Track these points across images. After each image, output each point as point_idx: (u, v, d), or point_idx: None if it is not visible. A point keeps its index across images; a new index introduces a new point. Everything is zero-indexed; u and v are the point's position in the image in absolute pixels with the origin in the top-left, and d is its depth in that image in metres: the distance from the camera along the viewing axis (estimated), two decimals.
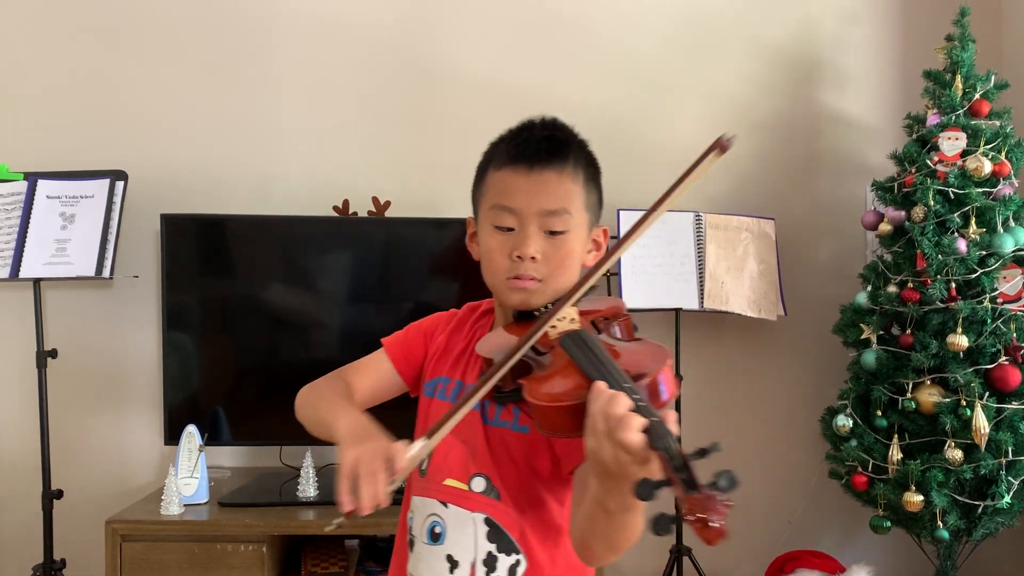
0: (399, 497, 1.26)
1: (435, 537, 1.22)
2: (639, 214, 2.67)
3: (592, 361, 1.01)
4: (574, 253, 1.23)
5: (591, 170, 1.28)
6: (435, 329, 1.38)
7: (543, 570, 1.21)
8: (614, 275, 2.55)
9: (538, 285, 1.20)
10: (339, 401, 1.26)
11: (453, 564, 1.20)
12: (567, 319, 1.13)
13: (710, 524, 0.77)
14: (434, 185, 2.71)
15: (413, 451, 1.04)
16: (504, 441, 1.21)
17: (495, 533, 1.20)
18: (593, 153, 1.28)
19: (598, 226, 1.29)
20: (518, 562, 1.20)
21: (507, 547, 1.20)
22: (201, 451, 2.37)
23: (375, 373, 1.38)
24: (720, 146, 1.04)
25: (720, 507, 0.77)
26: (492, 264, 1.22)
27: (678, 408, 2.52)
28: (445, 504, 1.22)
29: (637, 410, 0.88)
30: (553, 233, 1.20)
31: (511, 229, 1.20)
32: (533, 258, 1.19)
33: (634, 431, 0.85)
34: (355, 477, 1.01)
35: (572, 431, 0.97)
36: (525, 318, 1.23)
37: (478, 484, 1.21)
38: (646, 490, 0.82)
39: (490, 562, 1.19)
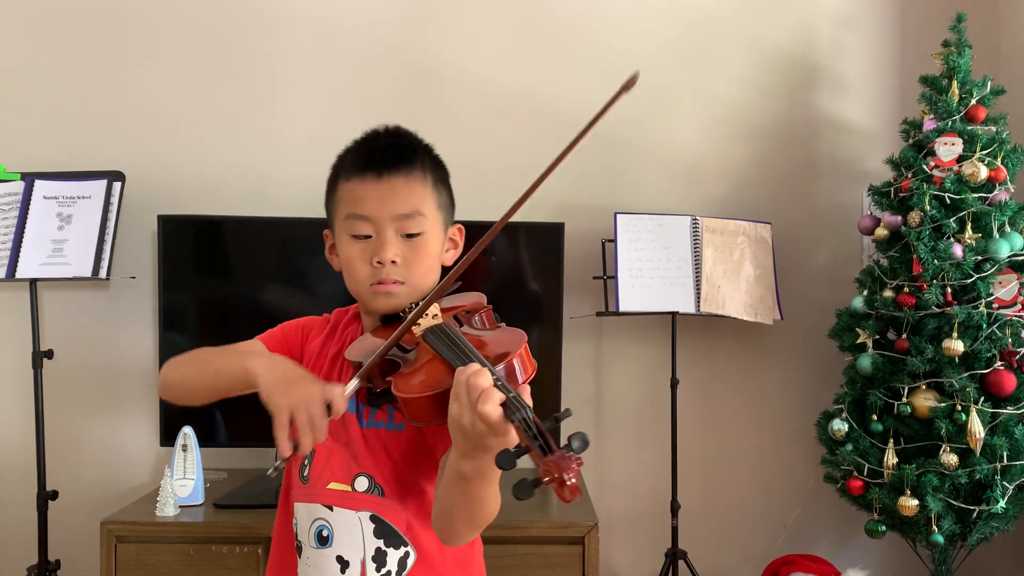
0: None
1: (323, 540, 1.24)
2: (635, 217, 2.68)
3: (454, 350, 1.07)
4: (432, 253, 1.28)
5: (439, 172, 1.32)
6: (311, 330, 1.41)
7: (432, 559, 1.24)
8: (611, 278, 2.55)
9: (401, 288, 1.25)
10: (234, 349, 1.30)
11: (343, 564, 1.22)
12: (430, 315, 1.19)
13: (566, 482, 0.82)
14: None
15: (349, 389, 1.11)
16: (381, 440, 1.24)
17: (382, 528, 1.23)
18: (439, 156, 1.33)
19: (453, 224, 1.34)
20: (407, 554, 1.23)
21: (395, 541, 1.23)
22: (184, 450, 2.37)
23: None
24: (629, 84, 1.14)
25: (573, 464, 0.83)
26: (354, 272, 1.27)
27: (675, 412, 2.52)
28: (330, 507, 1.24)
29: (497, 387, 0.95)
30: (410, 236, 1.25)
31: (368, 236, 1.25)
32: (393, 262, 1.24)
33: (493, 403, 0.92)
34: (297, 422, 1.06)
35: (439, 419, 1.04)
36: (391, 321, 1.27)
37: (361, 483, 1.24)
38: (507, 459, 0.88)
39: (379, 557, 1.22)
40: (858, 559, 2.71)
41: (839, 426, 2.41)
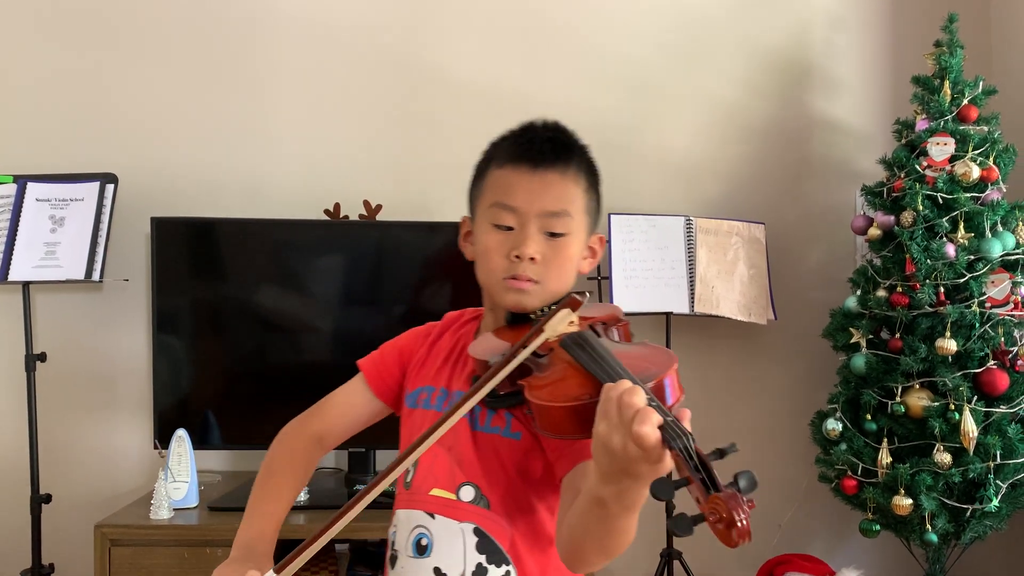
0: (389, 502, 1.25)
1: (421, 550, 1.18)
2: (629, 218, 2.68)
3: (598, 362, 1.00)
4: (572, 257, 1.22)
5: (592, 175, 1.27)
6: (412, 344, 1.36)
7: None
8: (605, 279, 2.56)
9: (534, 287, 1.18)
10: (265, 492, 1.26)
11: None
12: (566, 322, 1.11)
13: (736, 523, 0.74)
14: (425, 188, 2.71)
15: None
16: (494, 448, 1.18)
17: (485, 543, 1.16)
18: (594, 159, 1.27)
19: (595, 233, 1.28)
20: (508, 573, 1.17)
21: (497, 558, 1.16)
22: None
23: (350, 403, 1.35)
24: (571, 303, 1.06)
25: (744, 505, 0.75)
26: (489, 263, 1.20)
27: None
28: (432, 515, 1.18)
29: (652, 407, 0.85)
30: (553, 235, 1.19)
31: (510, 228, 1.19)
32: (532, 259, 1.17)
33: (651, 425, 0.82)
34: None
35: (576, 432, 0.96)
36: (518, 322, 1.21)
37: (467, 493, 1.18)
38: (665, 489, 0.80)
39: (480, 574, 1.16)
40: (853, 558, 2.72)
41: (833, 425, 2.41)
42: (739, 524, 0.74)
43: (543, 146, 1.21)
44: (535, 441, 1.16)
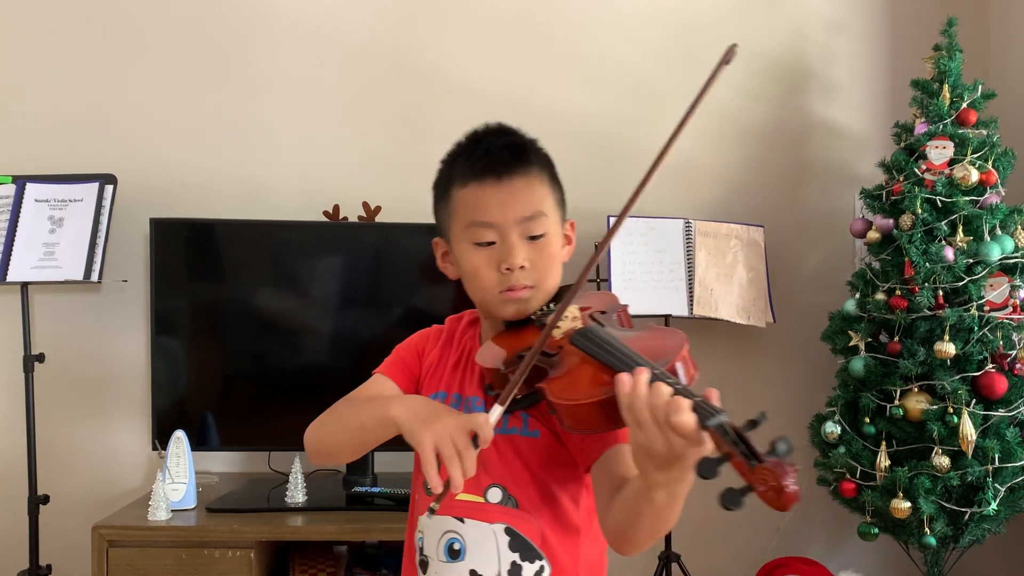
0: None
1: (454, 554, 1.19)
2: (630, 221, 2.67)
3: (611, 353, 1.00)
4: (556, 253, 1.24)
5: (550, 167, 1.27)
6: (424, 345, 1.36)
7: (566, 572, 1.20)
8: (604, 281, 2.56)
9: (531, 292, 1.20)
10: (373, 400, 1.24)
11: None
12: (569, 317, 1.13)
13: (785, 488, 0.76)
14: (424, 190, 2.67)
15: (493, 417, 1.04)
16: (515, 448, 1.20)
17: (517, 542, 1.18)
18: (545, 148, 1.28)
19: (566, 220, 1.30)
20: (542, 568, 1.19)
21: (530, 554, 1.18)
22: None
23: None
24: (727, 57, 1.09)
25: (789, 469, 0.77)
26: (480, 280, 1.21)
27: None
28: (461, 520, 1.19)
29: (676, 392, 0.87)
30: (533, 238, 1.20)
31: (492, 243, 1.20)
32: (522, 267, 1.18)
33: (686, 411, 0.84)
34: (442, 456, 1.01)
35: (605, 425, 0.98)
36: (516, 326, 1.22)
37: (494, 495, 1.19)
38: (709, 468, 0.81)
39: (515, 572, 1.18)
40: (851, 561, 2.72)
41: (831, 429, 2.41)
42: (788, 489, 0.76)
43: (501, 154, 1.21)
44: (553, 436, 1.18)
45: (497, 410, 1.04)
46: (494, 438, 1.17)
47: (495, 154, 1.21)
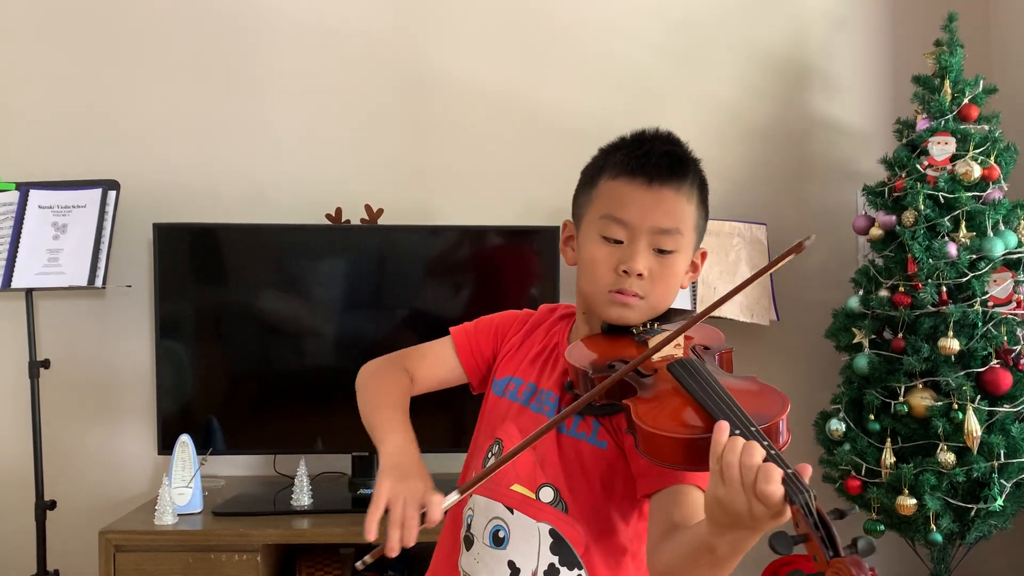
0: None
1: (498, 541, 1.20)
2: None
3: (709, 395, 0.97)
4: (678, 274, 1.21)
5: (703, 191, 1.26)
6: (508, 327, 1.36)
7: None
8: None
9: (639, 302, 1.18)
10: (393, 412, 1.24)
11: (514, 571, 1.18)
12: (672, 344, 1.10)
13: None
14: (427, 192, 2.71)
15: (447, 503, 1.03)
16: (578, 453, 1.18)
17: (559, 545, 1.17)
18: (703, 172, 1.27)
19: (699, 248, 1.28)
20: None
21: (570, 561, 1.17)
22: (203, 463, 2.37)
23: (439, 362, 1.36)
24: (799, 248, 1.05)
25: (867, 572, 0.74)
26: (594, 274, 1.20)
27: None
28: (511, 510, 1.19)
29: (770, 459, 0.84)
30: (661, 252, 1.18)
31: (619, 242, 1.18)
32: (640, 275, 1.17)
33: (776, 483, 0.82)
34: (391, 513, 1.02)
35: (683, 464, 0.95)
36: (615, 332, 1.20)
37: (546, 494, 1.18)
38: (784, 545, 0.79)
39: (551, 573, 1.17)
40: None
41: (836, 426, 2.41)
42: None
43: (660, 161, 1.19)
44: (620, 452, 1.16)
45: (452, 497, 1.03)
46: (558, 436, 1.18)
47: (654, 158, 1.19)
